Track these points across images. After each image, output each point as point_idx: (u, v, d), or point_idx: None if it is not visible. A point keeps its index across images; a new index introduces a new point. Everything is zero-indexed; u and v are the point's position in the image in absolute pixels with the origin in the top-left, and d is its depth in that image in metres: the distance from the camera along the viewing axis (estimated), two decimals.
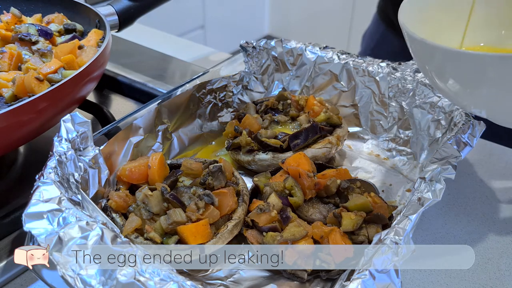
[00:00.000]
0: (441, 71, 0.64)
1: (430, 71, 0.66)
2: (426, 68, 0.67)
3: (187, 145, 0.92)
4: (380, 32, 1.35)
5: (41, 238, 0.52)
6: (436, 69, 0.65)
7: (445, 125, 0.81)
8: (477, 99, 0.64)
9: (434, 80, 0.67)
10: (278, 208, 0.69)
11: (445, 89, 0.65)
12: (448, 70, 0.63)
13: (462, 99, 0.66)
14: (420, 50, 0.66)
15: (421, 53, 0.66)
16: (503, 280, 0.67)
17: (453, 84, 0.63)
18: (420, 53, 0.67)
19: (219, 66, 0.98)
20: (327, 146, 0.83)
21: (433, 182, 0.63)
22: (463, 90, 0.63)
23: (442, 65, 0.63)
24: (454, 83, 0.63)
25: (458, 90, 0.64)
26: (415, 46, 0.66)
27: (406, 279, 0.67)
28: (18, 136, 0.72)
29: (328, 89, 0.98)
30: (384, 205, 0.68)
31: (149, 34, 1.55)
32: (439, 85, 0.66)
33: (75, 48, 0.84)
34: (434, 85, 0.69)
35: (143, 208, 0.66)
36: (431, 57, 0.64)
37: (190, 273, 0.66)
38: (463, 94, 0.64)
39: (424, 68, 0.68)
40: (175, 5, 3.14)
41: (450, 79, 0.63)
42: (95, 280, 0.49)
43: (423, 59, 0.67)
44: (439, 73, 0.65)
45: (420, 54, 0.67)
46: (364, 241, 0.64)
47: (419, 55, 0.68)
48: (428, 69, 0.67)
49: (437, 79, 0.65)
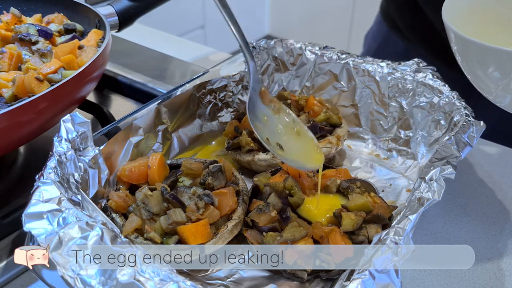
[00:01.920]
0: (484, 65, 0.65)
1: (475, 68, 0.67)
2: (468, 63, 0.68)
3: (187, 145, 0.92)
4: (383, 33, 1.34)
5: (41, 238, 0.52)
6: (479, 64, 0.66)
7: (445, 125, 0.81)
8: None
9: (477, 73, 0.68)
10: (278, 208, 0.69)
11: (487, 82, 0.67)
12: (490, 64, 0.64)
13: (499, 92, 0.66)
14: (469, 51, 0.67)
15: (471, 53, 0.67)
16: (503, 280, 0.67)
17: (492, 73, 0.64)
18: (469, 54, 0.67)
19: (219, 66, 0.98)
20: (327, 146, 0.83)
21: (433, 182, 0.63)
22: (501, 79, 0.64)
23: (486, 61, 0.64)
24: (498, 79, 0.64)
25: (500, 85, 0.65)
26: (463, 47, 0.67)
27: (406, 279, 0.67)
28: (18, 136, 0.72)
29: (328, 89, 0.98)
30: (384, 205, 0.68)
31: (149, 34, 1.55)
32: (479, 75, 0.67)
33: (75, 48, 0.84)
34: (473, 75, 0.70)
35: (143, 208, 0.66)
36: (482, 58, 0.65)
37: (190, 273, 0.67)
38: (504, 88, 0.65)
39: (466, 62, 0.69)
40: (175, 5, 3.14)
41: (495, 74, 0.64)
42: (95, 280, 0.49)
43: (471, 59, 0.68)
44: (481, 67, 0.66)
45: (469, 54, 0.68)
46: (364, 241, 0.64)
47: (467, 56, 0.68)
48: (470, 64, 0.68)
49: (480, 71, 0.67)
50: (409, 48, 1.23)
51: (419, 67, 0.89)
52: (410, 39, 1.24)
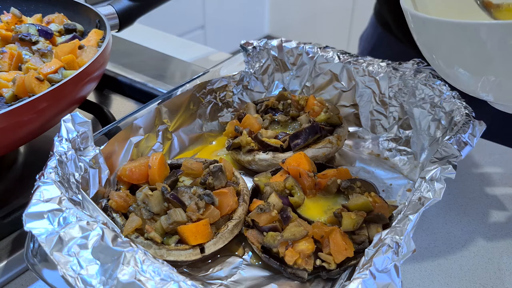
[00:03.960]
0: (447, 51, 0.64)
1: (437, 57, 0.66)
2: (432, 54, 0.67)
3: (187, 145, 0.92)
4: (377, 35, 1.34)
5: (42, 238, 0.52)
6: (442, 49, 0.65)
7: (445, 125, 0.81)
8: (484, 81, 0.64)
9: (441, 67, 0.67)
10: (279, 208, 0.69)
11: (452, 74, 0.66)
12: (454, 47, 0.62)
13: (469, 82, 0.65)
14: (424, 29, 0.66)
15: (425, 32, 0.66)
16: (503, 280, 0.67)
17: (459, 66, 0.63)
18: (424, 34, 0.66)
19: (219, 66, 0.98)
20: (327, 146, 0.83)
21: (434, 181, 0.63)
22: (470, 72, 0.63)
23: (447, 41, 0.63)
24: (460, 66, 0.63)
25: (465, 73, 0.64)
26: (418, 26, 0.66)
27: (406, 279, 0.67)
28: (19, 136, 0.72)
29: (328, 89, 0.98)
30: (384, 205, 0.68)
31: (149, 34, 1.55)
32: (447, 72, 0.66)
33: (75, 48, 0.84)
34: (441, 72, 0.69)
35: (143, 208, 0.66)
36: (436, 34, 0.63)
37: (190, 272, 0.67)
38: (470, 76, 0.64)
39: (430, 53, 0.68)
40: (175, 5, 3.14)
41: (456, 61, 0.63)
42: (95, 280, 0.49)
43: (428, 40, 0.67)
44: (445, 56, 0.65)
45: (424, 34, 0.67)
46: (365, 241, 0.65)
47: (423, 37, 0.67)
48: (435, 55, 0.66)
49: (444, 64, 0.66)
50: (403, 50, 1.23)
51: (419, 67, 0.89)
52: (403, 41, 1.24)
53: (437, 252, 0.72)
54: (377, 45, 1.34)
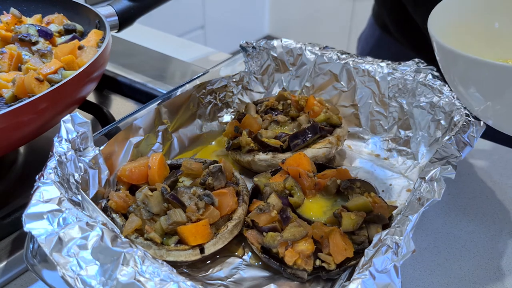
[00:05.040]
0: (466, 79, 0.64)
1: (454, 78, 0.67)
2: (450, 75, 0.68)
3: (187, 145, 0.92)
4: (376, 36, 1.34)
5: (41, 239, 0.52)
6: (461, 77, 0.65)
7: (445, 125, 0.81)
8: (493, 110, 0.64)
9: (454, 82, 0.67)
10: (278, 208, 0.69)
11: (465, 95, 0.66)
12: (473, 79, 0.63)
13: (478, 107, 0.66)
14: (449, 59, 0.66)
15: (449, 62, 0.66)
16: (503, 280, 0.67)
17: (474, 92, 0.63)
18: (448, 62, 0.67)
19: (219, 66, 0.98)
20: (327, 146, 0.83)
21: (433, 182, 0.63)
22: (482, 100, 0.64)
23: (469, 75, 0.63)
24: (475, 92, 0.63)
25: (477, 99, 0.64)
26: (444, 55, 0.66)
27: (406, 279, 0.67)
28: (18, 137, 0.72)
29: (328, 89, 0.98)
30: (384, 205, 0.68)
31: (149, 34, 1.55)
32: (461, 91, 0.67)
33: (75, 48, 0.84)
34: (455, 90, 0.70)
35: (143, 208, 0.66)
36: (463, 68, 0.64)
37: (190, 273, 0.67)
38: (480, 103, 0.64)
39: (448, 74, 0.69)
40: (175, 5, 3.14)
41: (472, 88, 0.64)
42: (95, 280, 0.49)
43: (451, 67, 0.67)
44: (463, 81, 0.65)
45: (448, 62, 0.67)
46: (364, 241, 0.65)
47: (447, 63, 0.68)
48: (453, 77, 0.67)
49: (459, 81, 0.66)
50: (402, 51, 1.23)
51: (419, 67, 0.89)
52: (402, 43, 1.24)
53: (437, 252, 0.72)
54: (376, 47, 1.34)
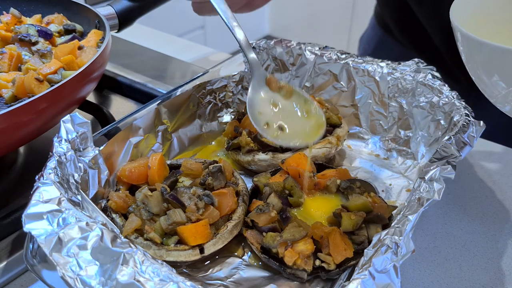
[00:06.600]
0: (489, 67, 0.65)
1: (477, 67, 0.68)
2: (474, 64, 0.69)
3: (187, 146, 0.92)
4: (378, 37, 1.34)
5: (41, 239, 0.52)
6: (484, 65, 0.66)
7: (445, 125, 0.81)
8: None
9: (480, 76, 0.68)
10: (278, 208, 0.69)
11: (487, 83, 0.67)
12: (496, 66, 0.64)
13: (499, 93, 0.67)
14: (473, 48, 0.67)
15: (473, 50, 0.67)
16: (503, 280, 0.67)
17: (497, 80, 0.64)
18: (472, 51, 0.68)
19: (219, 66, 0.98)
20: (327, 146, 0.82)
21: (433, 182, 0.63)
22: (505, 87, 0.64)
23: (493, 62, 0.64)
24: (498, 80, 0.64)
25: (500, 86, 0.65)
26: (467, 44, 0.67)
27: (406, 279, 0.67)
28: (18, 137, 0.72)
29: (328, 89, 0.98)
30: (384, 205, 0.68)
31: (149, 34, 1.55)
32: (484, 80, 0.68)
33: (75, 48, 0.84)
34: (477, 78, 0.71)
35: (143, 208, 0.66)
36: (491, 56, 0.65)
37: (190, 273, 0.67)
38: (502, 90, 0.65)
39: (471, 63, 0.70)
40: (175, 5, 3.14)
41: (495, 76, 0.65)
42: (95, 280, 0.49)
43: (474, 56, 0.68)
44: (486, 69, 0.66)
45: (472, 51, 0.68)
46: (364, 241, 0.64)
47: (470, 52, 0.69)
48: (476, 65, 0.68)
49: (484, 74, 0.67)
50: (405, 53, 1.23)
51: (419, 67, 0.89)
52: (404, 44, 1.24)
53: (436, 252, 0.72)
54: (378, 48, 1.34)
